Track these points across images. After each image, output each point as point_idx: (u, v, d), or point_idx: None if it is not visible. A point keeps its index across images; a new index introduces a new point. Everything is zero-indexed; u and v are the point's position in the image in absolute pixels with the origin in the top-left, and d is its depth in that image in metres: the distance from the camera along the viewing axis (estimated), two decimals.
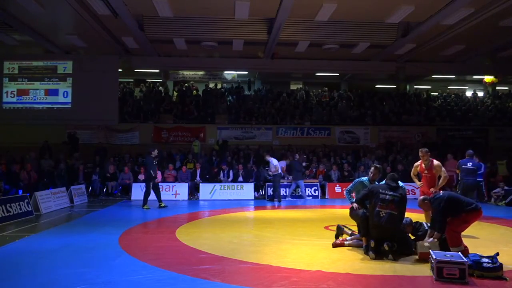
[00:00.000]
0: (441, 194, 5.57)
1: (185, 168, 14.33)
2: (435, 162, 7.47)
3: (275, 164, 12.63)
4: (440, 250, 5.12)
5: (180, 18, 12.91)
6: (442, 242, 5.45)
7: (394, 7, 11.73)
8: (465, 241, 6.16)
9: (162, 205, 11.05)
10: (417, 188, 10.16)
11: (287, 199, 13.34)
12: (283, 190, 13.45)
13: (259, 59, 16.89)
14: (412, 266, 5.16)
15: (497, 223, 8.76)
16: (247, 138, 17.89)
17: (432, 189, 7.25)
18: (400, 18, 12.50)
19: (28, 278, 4.71)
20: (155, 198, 10.97)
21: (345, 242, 6.27)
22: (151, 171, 11.04)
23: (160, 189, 11.56)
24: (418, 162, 7.71)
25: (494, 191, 12.60)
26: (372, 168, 6.66)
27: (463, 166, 9.34)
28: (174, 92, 20.83)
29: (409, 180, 13.55)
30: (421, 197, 6.20)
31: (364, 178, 6.67)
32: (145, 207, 10.89)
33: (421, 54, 16.33)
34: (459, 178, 9.52)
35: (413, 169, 7.83)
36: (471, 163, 9.40)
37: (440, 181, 7.32)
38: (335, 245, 6.24)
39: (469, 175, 9.31)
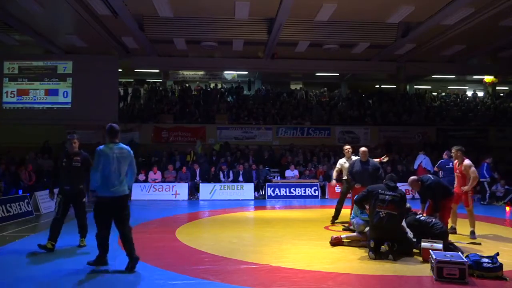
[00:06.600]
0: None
1: (185, 168, 14.31)
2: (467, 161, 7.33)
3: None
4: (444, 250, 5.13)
5: (180, 18, 12.89)
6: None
7: (394, 7, 11.71)
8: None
9: (82, 243, 6.40)
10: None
11: None
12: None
13: (259, 59, 16.87)
14: (412, 266, 5.16)
15: (497, 223, 8.77)
16: (247, 138, 17.84)
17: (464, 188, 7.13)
18: (400, 18, 12.49)
19: (28, 278, 4.71)
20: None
21: (343, 240, 6.28)
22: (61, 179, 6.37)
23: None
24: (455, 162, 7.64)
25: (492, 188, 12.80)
26: None
27: (446, 166, 9.38)
28: (175, 89, 20.79)
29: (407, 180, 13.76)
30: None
31: None
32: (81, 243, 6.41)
33: (421, 54, 16.30)
34: (441, 177, 9.56)
35: None
36: (451, 163, 9.52)
37: (471, 181, 7.13)
38: (333, 243, 6.26)
39: (451, 175, 9.42)
